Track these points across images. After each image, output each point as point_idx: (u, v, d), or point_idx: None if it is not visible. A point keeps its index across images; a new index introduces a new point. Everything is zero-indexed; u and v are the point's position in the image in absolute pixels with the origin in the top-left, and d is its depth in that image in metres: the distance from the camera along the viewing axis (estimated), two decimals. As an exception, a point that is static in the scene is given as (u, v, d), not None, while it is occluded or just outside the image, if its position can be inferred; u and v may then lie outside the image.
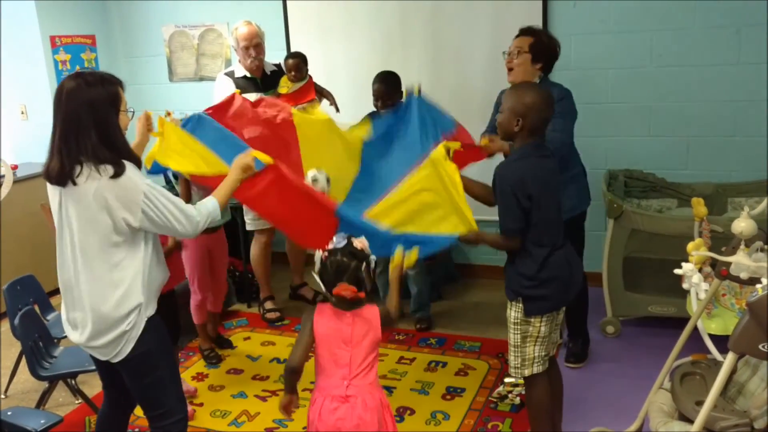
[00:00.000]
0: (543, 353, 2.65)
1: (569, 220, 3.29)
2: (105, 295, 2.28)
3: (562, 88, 3.24)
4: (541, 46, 3.20)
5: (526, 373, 2.66)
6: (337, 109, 4.22)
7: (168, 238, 3.14)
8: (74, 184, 2.19)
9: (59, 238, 2.35)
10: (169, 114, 3.60)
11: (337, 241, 2.32)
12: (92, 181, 2.19)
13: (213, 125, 3.13)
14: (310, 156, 3.32)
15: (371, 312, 2.34)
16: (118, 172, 2.20)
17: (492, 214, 2.67)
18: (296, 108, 3.60)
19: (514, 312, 2.61)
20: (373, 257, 2.34)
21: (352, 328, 2.30)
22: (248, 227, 4.37)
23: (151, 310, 2.37)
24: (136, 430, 3.20)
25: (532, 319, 2.58)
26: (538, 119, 2.52)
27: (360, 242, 2.33)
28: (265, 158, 2.66)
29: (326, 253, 2.31)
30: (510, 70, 3.24)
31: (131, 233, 2.28)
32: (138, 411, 2.70)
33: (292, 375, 2.35)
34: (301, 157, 3.35)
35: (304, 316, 2.38)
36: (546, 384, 2.71)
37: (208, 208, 2.43)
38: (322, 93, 4.21)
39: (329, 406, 2.27)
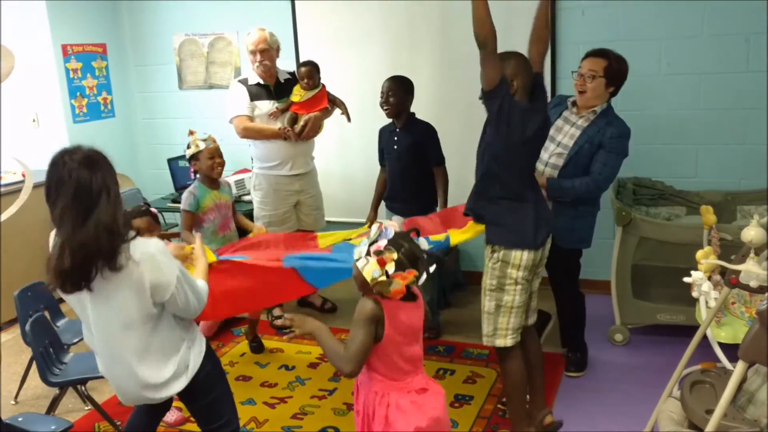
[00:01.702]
0: (516, 326, 2.64)
1: (574, 249, 3.33)
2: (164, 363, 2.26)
3: (624, 125, 3.18)
4: (615, 69, 3.15)
5: (498, 343, 2.64)
6: (349, 119, 4.23)
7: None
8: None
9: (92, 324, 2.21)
10: (191, 133, 3.62)
11: (382, 233, 2.09)
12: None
13: None
14: None
15: (422, 300, 2.24)
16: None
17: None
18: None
19: (491, 267, 2.61)
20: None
21: (420, 320, 2.19)
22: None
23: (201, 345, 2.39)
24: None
25: (508, 283, 2.58)
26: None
27: (393, 225, 2.17)
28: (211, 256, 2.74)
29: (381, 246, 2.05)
30: (581, 93, 3.19)
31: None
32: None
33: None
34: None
35: (361, 316, 2.07)
36: (520, 359, 2.69)
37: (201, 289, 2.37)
38: (334, 102, 4.22)
39: (412, 400, 2.14)
